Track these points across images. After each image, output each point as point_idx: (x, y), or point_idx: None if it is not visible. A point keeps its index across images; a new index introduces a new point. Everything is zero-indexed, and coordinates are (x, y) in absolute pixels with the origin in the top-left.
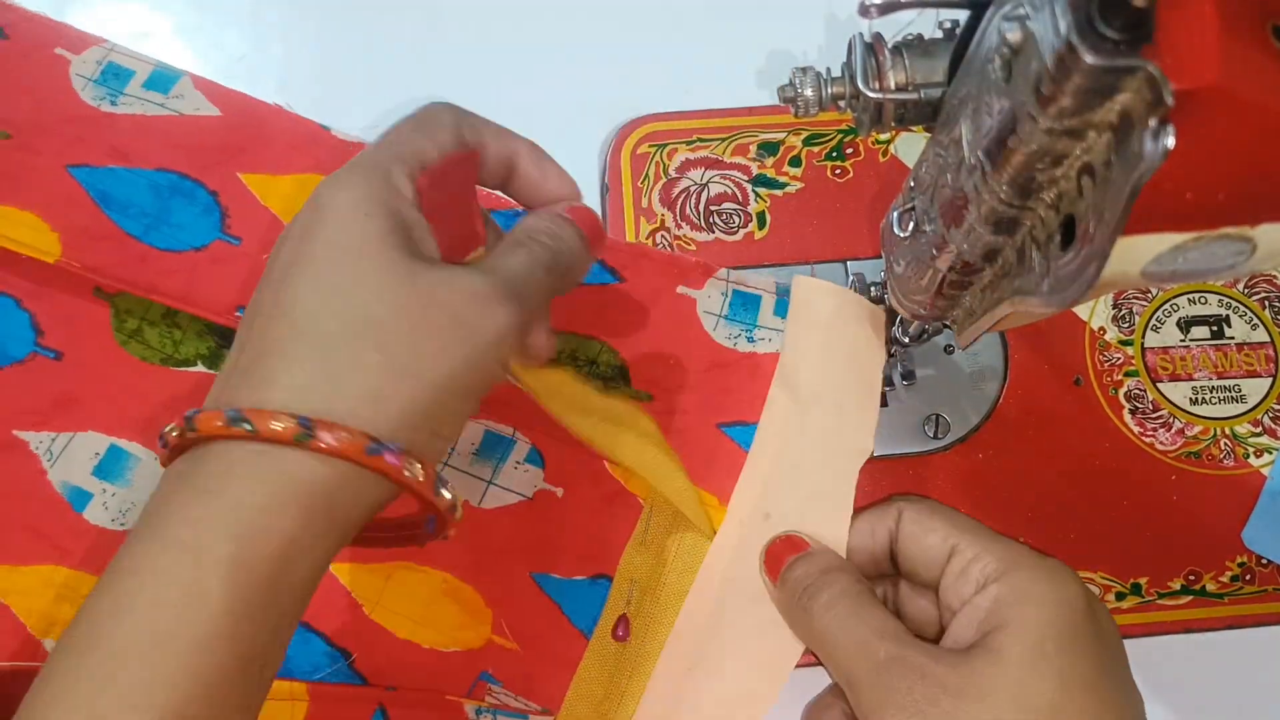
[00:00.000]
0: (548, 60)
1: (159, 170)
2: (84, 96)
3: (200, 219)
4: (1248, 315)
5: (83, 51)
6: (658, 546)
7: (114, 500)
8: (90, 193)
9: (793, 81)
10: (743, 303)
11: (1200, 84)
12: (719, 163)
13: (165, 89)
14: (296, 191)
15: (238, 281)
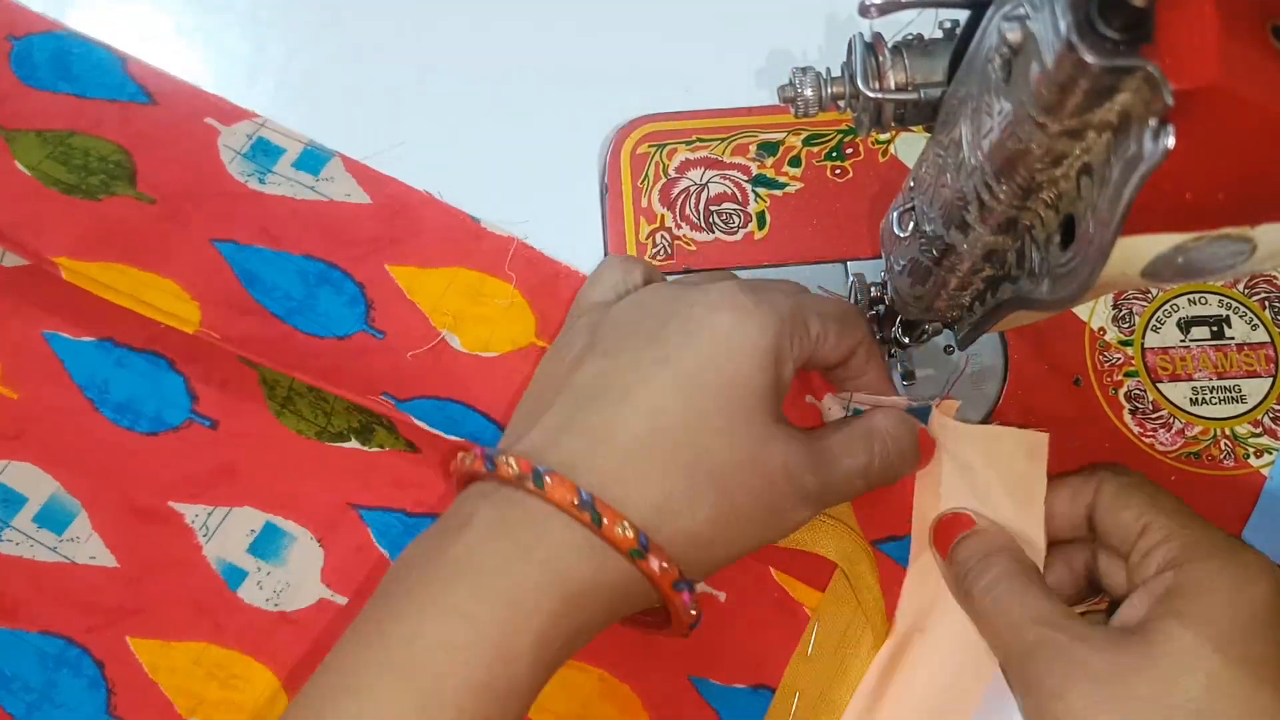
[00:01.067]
0: (547, 60)
1: (306, 257)
2: (232, 171)
3: (345, 310)
4: (1248, 315)
5: (233, 124)
6: (824, 660)
7: (269, 579)
8: (235, 269)
9: (792, 81)
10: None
11: (1200, 84)
12: (718, 163)
13: (316, 170)
14: (444, 287)
15: (379, 373)
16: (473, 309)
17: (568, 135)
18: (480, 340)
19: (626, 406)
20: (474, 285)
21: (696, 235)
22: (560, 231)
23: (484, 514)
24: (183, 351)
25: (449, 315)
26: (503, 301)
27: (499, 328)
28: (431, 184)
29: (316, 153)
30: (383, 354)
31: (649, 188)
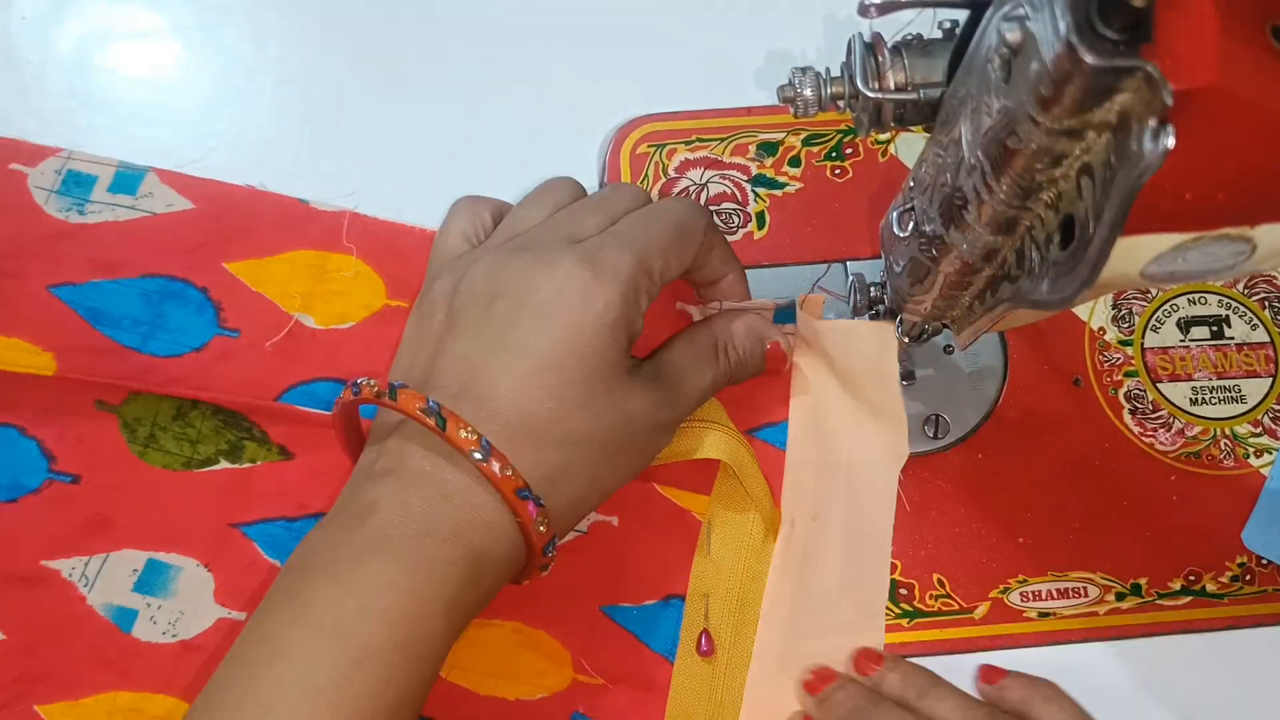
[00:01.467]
0: (547, 60)
1: (145, 277)
2: (50, 211)
3: (195, 317)
4: (1247, 315)
5: (39, 163)
6: (722, 558)
7: (160, 613)
8: (78, 311)
9: (792, 81)
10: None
11: (1199, 84)
12: (718, 163)
13: (132, 189)
14: (287, 272)
15: (244, 373)
16: (320, 287)
17: (567, 135)
18: (334, 314)
19: (495, 398)
20: (316, 264)
21: None
22: None
23: (389, 497)
24: (34, 416)
25: (297, 298)
26: (348, 273)
27: (350, 298)
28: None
29: (128, 173)
30: (243, 352)
31: (648, 187)
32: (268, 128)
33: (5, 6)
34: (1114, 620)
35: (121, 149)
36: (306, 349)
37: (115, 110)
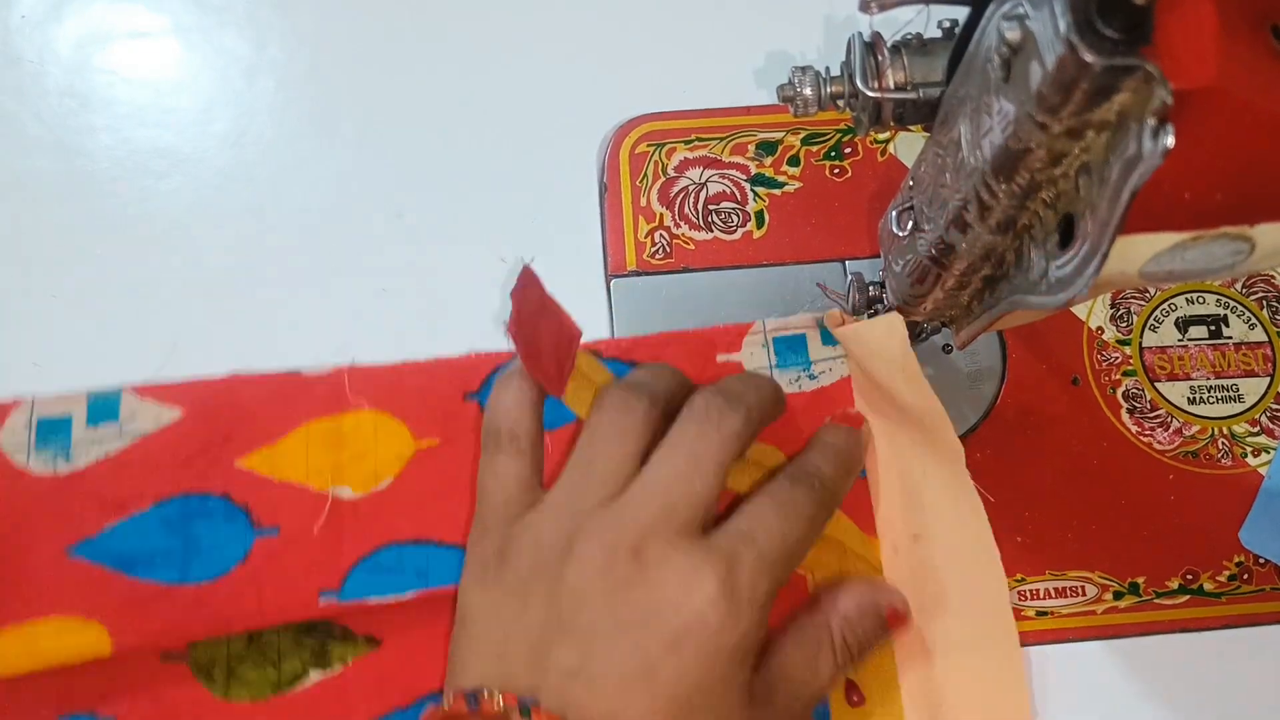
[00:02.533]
0: (546, 59)
1: (159, 504)
2: (34, 470)
3: (227, 528)
4: (1246, 315)
5: (4, 423)
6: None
7: None
8: (106, 564)
9: (791, 80)
10: (788, 345)
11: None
12: (717, 162)
13: (114, 414)
14: (302, 450)
15: (301, 570)
16: (345, 453)
17: (566, 134)
18: (369, 475)
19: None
20: (331, 431)
21: (695, 234)
22: (559, 230)
23: None
24: (99, 697)
25: (326, 472)
26: (367, 430)
27: (379, 455)
28: (432, 180)
29: (102, 400)
30: (290, 547)
31: (648, 187)
32: (268, 128)
33: (5, 6)
34: (1111, 619)
35: (122, 148)
36: (354, 522)
37: (115, 110)
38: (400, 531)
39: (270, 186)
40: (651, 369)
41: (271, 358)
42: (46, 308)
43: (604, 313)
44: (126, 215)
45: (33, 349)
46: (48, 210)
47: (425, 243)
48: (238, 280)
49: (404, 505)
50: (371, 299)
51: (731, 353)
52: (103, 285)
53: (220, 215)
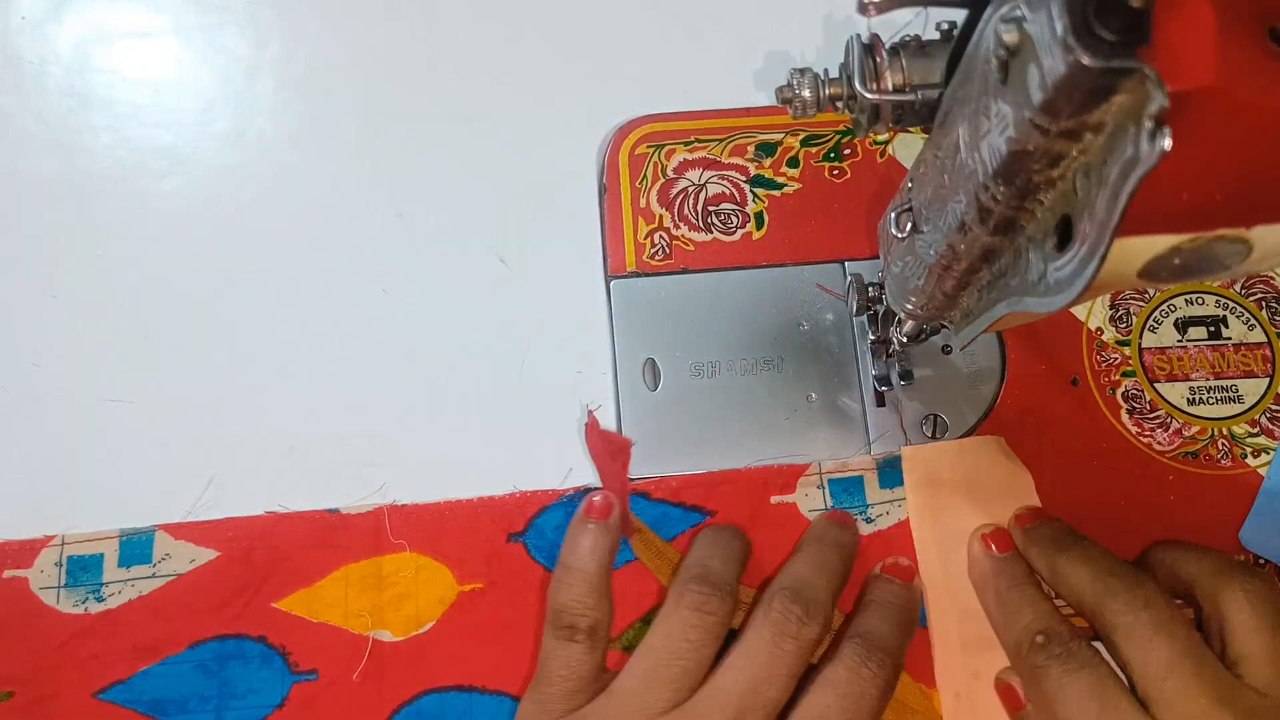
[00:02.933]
0: (546, 60)
1: (194, 647)
2: (63, 609)
3: (264, 672)
4: (1245, 316)
5: (33, 561)
6: None
7: None
8: (138, 709)
9: (790, 82)
10: (844, 488)
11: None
12: (717, 163)
13: (147, 556)
14: (344, 592)
15: (339, 716)
16: (384, 595)
17: (566, 135)
18: (410, 620)
19: None
20: (371, 573)
21: (694, 235)
22: (559, 231)
23: None
24: None
25: (365, 615)
26: (409, 572)
27: (419, 598)
28: (432, 181)
29: (135, 539)
30: (329, 693)
31: (647, 188)
32: (268, 128)
33: (5, 6)
34: None
35: (122, 148)
36: (395, 667)
37: (115, 110)
38: (443, 677)
39: (270, 186)
40: (721, 549)
41: (272, 357)
42: (46, 308)
43: (603, 313)
44: (126, 215)
45: (33, 349)
46: (48, 210)
47: (425, 243)
48: (238, 280)
49: (447, 650)
50: (372, 299)
51: (786, 494)
52: (103, 285)
53: (220, 215)
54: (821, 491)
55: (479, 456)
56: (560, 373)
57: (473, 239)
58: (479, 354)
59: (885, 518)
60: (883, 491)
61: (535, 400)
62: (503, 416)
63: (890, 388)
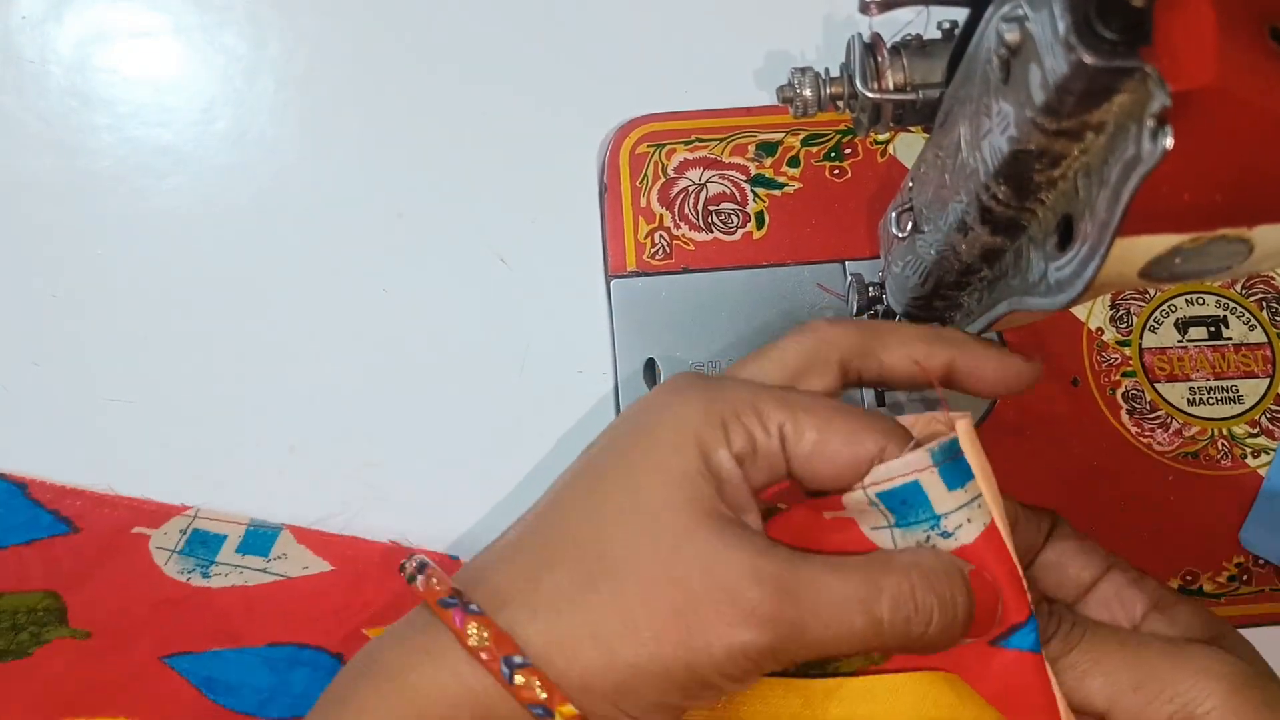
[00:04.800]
0: (546, 60)
1: (271, 645)
2: (169, 572)
3: (327, 681)
4: (1245, 316)
5: (163, 524)
6: None
7: None
8: (192, 680)
9: (791, 81)
10: (900, 500)
11: (1198, 85)
12: (717, 163)
13: (265, 550)
14: None
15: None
16: None
17: (567, 134)
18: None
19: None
20: None
21: (695, 235)
22: (559, 231)
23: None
24: None
25: None
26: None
27: None
28: (432, 181)
29: (260, 531)
30: None
31: (648, 187)
32: (268, 127)
33: (6, 6)
34: None
35: (122, 147)
36: None
37: (115, 110)
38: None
39: (270, 186)
40: None
41: (272, 357)
42: (46, 307)
43: (604, 313)
44: (127, 215)
45: (33, 349)
46: (48, 210)
47: (425, 243)
48: (238, 280)
49: None
50: (372, 299)
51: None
52: (103, 285)
53: (221, 214)
54: (876, 510)
55: (479, 456)
56: (560, 372)
57: (473, 239)
58: (479, 354)
59: (967, 527)
60: (952, 494)
61: (535, 400)
62: (503, 416)
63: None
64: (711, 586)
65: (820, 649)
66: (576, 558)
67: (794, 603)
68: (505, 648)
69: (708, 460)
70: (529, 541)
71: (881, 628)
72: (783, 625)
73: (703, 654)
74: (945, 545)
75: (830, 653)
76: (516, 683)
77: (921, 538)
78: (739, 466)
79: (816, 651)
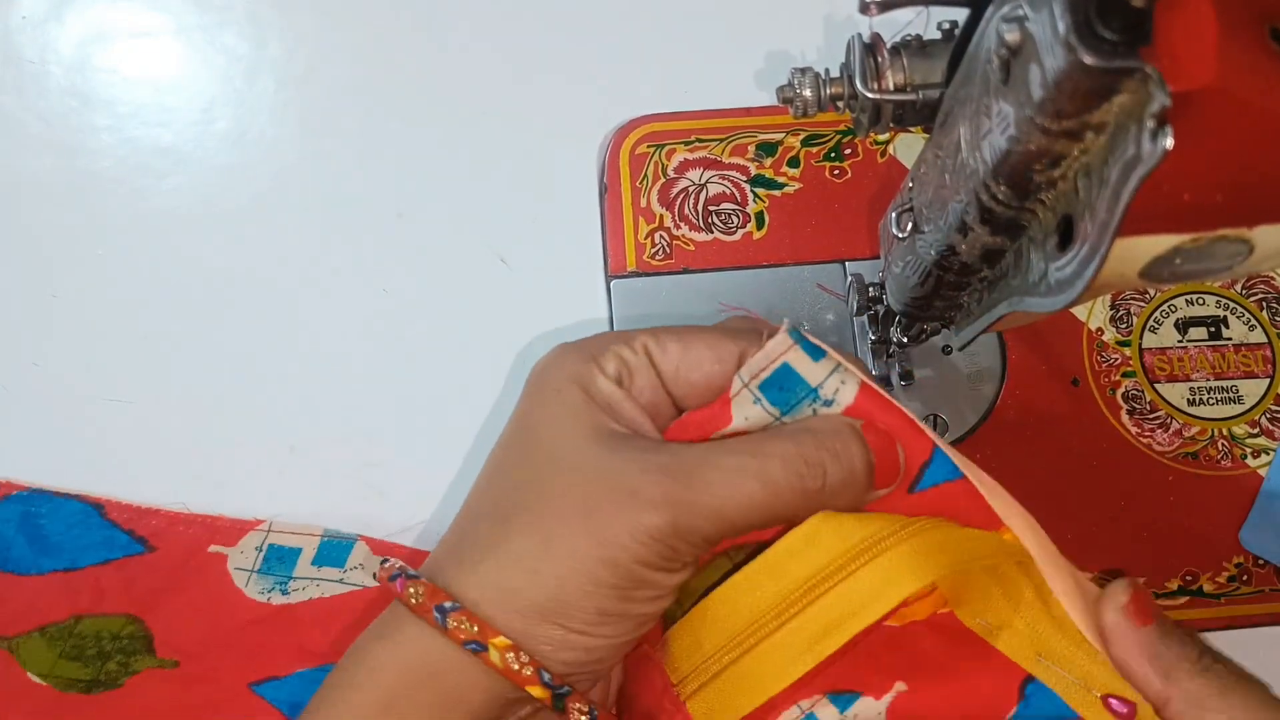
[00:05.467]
0: (546, 60)
1: None
2: (250, 593)
3: None
4: (1245, 316)
5: (238, 541)
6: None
7: None
8: (281, 709)
9: (791, 82)
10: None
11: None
12: (717, 163)
13: (340, 562)
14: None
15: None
16: None
17: (567, 134)
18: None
19: (469, 493)
20: None
21: (695, 235)
22: (559, 231)
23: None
24: None
25: None
26: None
27: None
28: (432, 181)
29: (336, 542)
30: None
31: (648, 187)
32: (268, 127)
33: (6, 6)
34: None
35: (123, 147)
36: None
37: (115, 110)
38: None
39: (271, 186)
40: None
41: (272, 357)
42: (46, 307)
43: (604, 314)
44: (127, 215)
45: (33, 349)
46: (48, 210)
47: (425, 243)
48: (238, 280)
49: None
50: (372, 299)
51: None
52: (103, 285)
53: (221, 215)
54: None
55: (479, 457)
56: None
57: (473, 239)
58: (479, 353)
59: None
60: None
61: None
62: (503, 416)
63: (891, 388)
64: (608, 487)
65: (722, 520)
66: (495, 510)
67: (685, 482)
68: (437, 598)
69: (589, 391)
70: (459, 520)
71: (778, 488)
72: (677, 504)
73: (613, 546)
74: (830, 412)
75: (737, 524)
76: (450, 626)
77: (808, 412)
78: (619, 387)
79: (720, 524)
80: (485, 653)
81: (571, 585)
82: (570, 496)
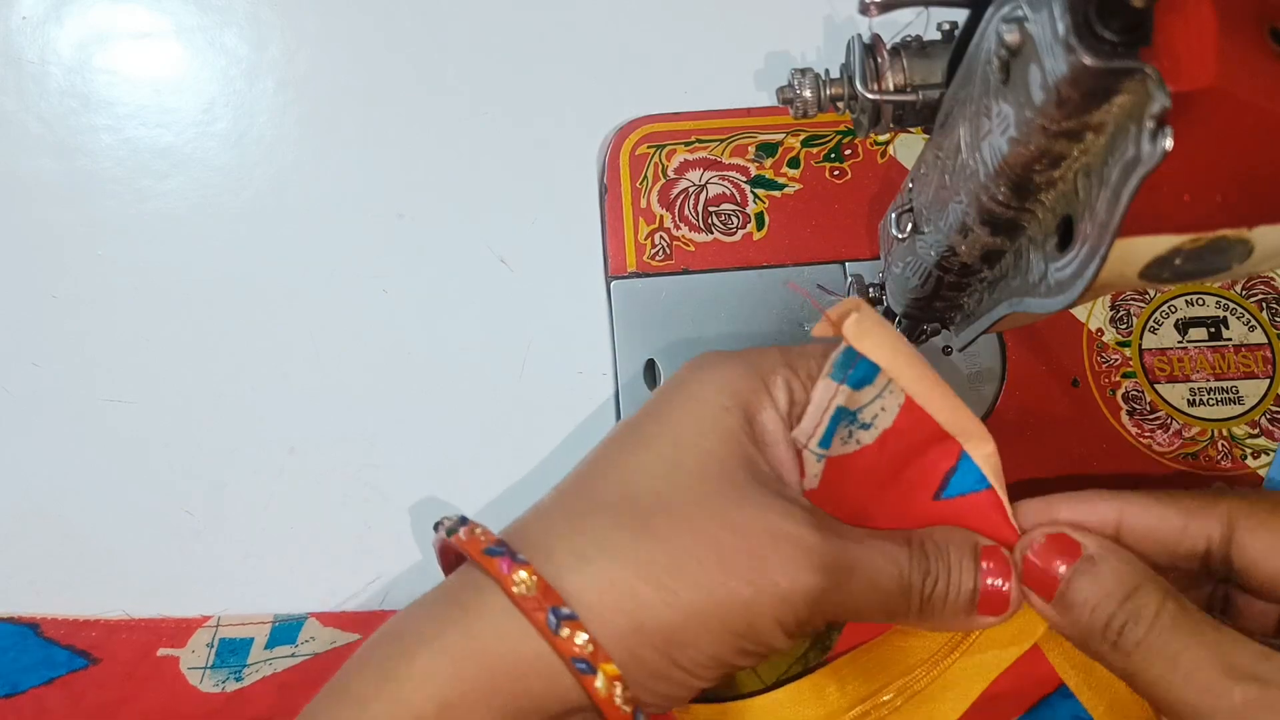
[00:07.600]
0: (546, 60)
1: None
2: (205, 688)
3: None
4: (1245, 317)
5: (186, 641)
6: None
7: None
8: None
9: (791, 83)
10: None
11: (1198, 86)
12: (717, 163)
13: (292, 639)
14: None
15: None
16: None
17: (567, 135)
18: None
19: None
20: None
21: (695, 236)
22: (559, 231)
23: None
24: None
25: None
26: None
27: None
28: (432, 181)
29: (286, 625)
30: None
31: (648, 188)
32: (268, 128)
33: (6, 6)
34: None
35: (123, 148)
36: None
37: (115, 110)
38: None
39: (270, 186)
40: None
41: (272, 358)
42: (46, 308)
43: (604, 314)
44: (126, 215)
45: (33, 349)
46: (48, 210)
47: (425, 243)
48: (238, 280)
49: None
50: (372, 299)
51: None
52: (103, 285)
53: (220, 215)
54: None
55: (479, 457)
56: (561, 373)
57: (473, 239)
58: (479, 355)
59: (884, 414)
60: (864, 391)
61: (536, 401)
62: (503, 417)
63: None
64: (773, 531)
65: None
66: (620, 506)
67: (851, 554)
68: (551, 599)
69: (752, 421)
70: (568, 499)
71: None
72: (838, 572)
73: (766, 593)
74: (867, 436)
75: (861, 611)
76: (562, 635)
77: (844, 436)
78: (784, 426)
79: (856, 604)
80: (592, 676)
81: (699, 621)
82: (721, 528)
